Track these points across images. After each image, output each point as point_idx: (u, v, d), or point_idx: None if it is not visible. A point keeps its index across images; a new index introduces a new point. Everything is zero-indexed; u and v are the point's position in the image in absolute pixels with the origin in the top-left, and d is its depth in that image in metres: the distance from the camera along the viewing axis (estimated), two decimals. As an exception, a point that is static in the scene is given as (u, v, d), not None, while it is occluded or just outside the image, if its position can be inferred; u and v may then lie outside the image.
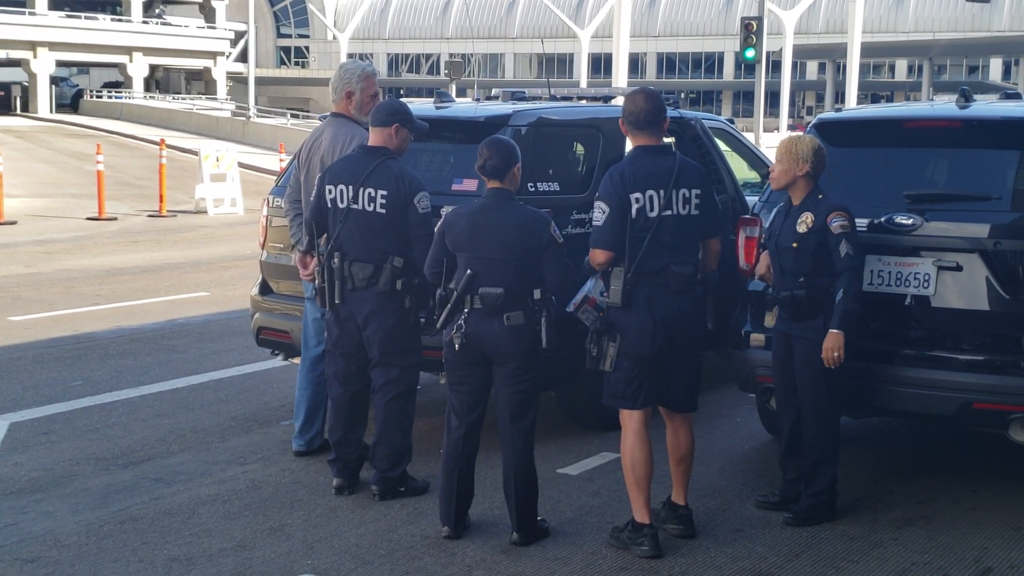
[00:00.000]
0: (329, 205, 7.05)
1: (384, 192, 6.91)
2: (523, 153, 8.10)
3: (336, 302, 7.06)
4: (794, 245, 6.76)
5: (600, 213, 6.39)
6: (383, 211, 6.91)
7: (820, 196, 6.79)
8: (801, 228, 6.74)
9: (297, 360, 8.39)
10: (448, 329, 6.46)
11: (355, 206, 6.96)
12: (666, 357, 6.44)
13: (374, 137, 7.11)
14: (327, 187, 7.06)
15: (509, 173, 6.49)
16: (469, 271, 6.34)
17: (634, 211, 6.34)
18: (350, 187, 6.97)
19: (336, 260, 7.00)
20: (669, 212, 6.36)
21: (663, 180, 6.37)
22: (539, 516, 6.62)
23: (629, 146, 7.65)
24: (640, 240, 6.32)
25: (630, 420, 6.47)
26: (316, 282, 7.20)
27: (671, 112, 9.81)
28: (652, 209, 6.34)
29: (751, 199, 9.45)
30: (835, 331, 6.59)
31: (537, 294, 6.42)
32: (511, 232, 6.36)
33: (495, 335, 6.36)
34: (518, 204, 6.51)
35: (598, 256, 6.40)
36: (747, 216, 8.17)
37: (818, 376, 6.74)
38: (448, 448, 6.61)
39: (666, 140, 9.75)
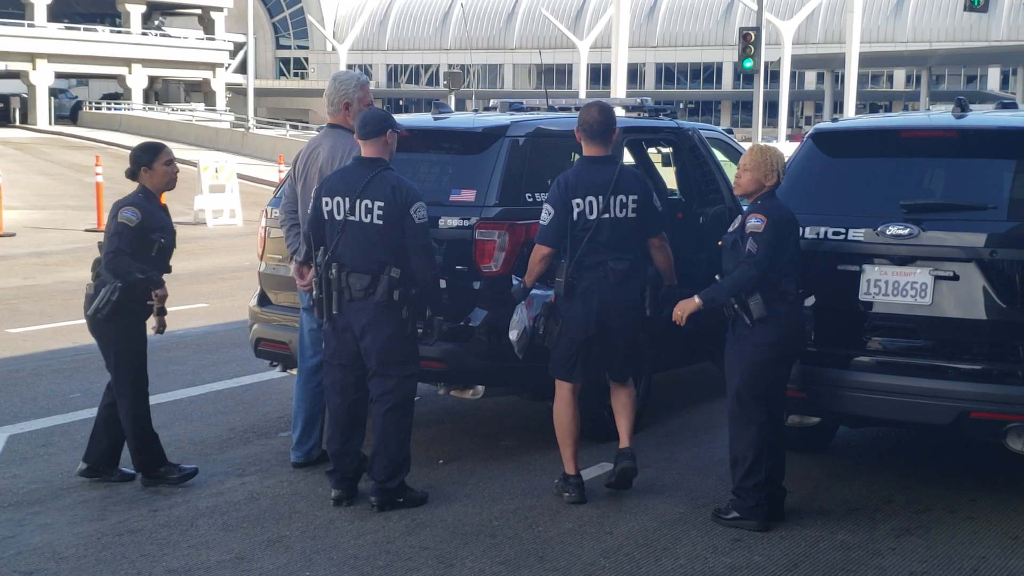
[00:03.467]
0: (326, 217, 7.06)
1: (381, 203, 6.92)
2: (521, 163, 8.18)
3: (334, 312, 7.07)
4: (719, 243, 7.01)
5: (546, 215, 7.29)
6: (380, 222, 6.92)
7: (759, 203, 6.89)
8: (731, 228, 7.04)
9: (295, 371, 8.39)
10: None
11: (352, 217, 6.97)
12: (602, 340, 7.33)
13: (368, 149, 7.11)
14: (324, 199, 7.07)
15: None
16: None
17: (575, 214, 7.23)
18: (347, 199, 6.98)
19: (334, 271, 7.02)
20: (607, 215, 7.25)
21: (602, 187, 7.24)
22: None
23: (627, 157, 7.85)
24: (580, 239, 7.23)
25: (562, 389, 7.47)
26: (314, 293, 7.22)
27: (669, 122, 9.88)
28: (592, 212, 7.23)
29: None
30: (696, 299, 6.93)
31: None
32: None
33: None
34: None
35: (541, 251, 7.32)
36: None
37: (731, 371, 6.95)
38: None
39: (663, 150, 9.88)
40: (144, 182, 7.52)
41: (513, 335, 7.47)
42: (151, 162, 7.51)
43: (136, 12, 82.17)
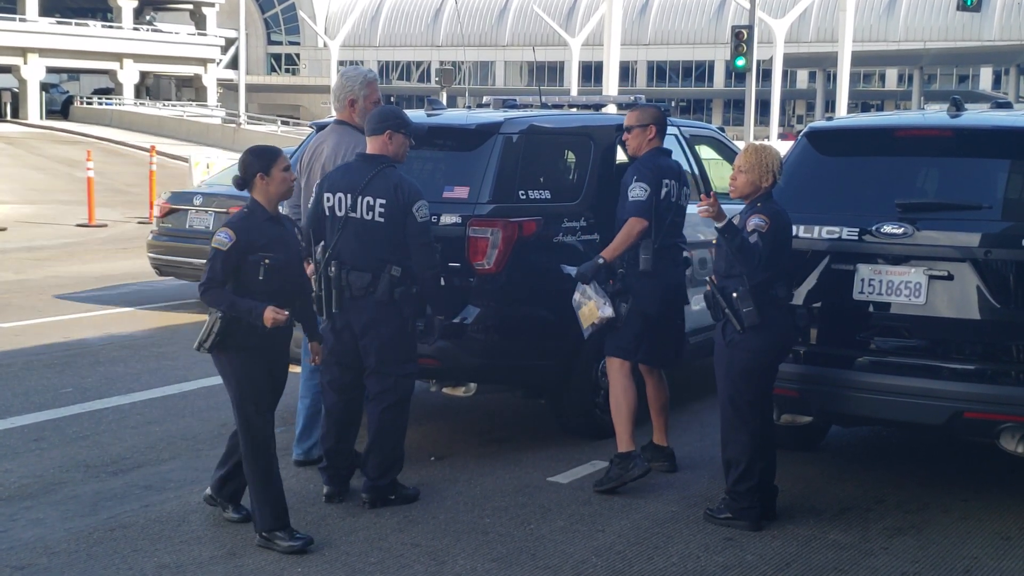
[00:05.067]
0: (327, 213, 7.02)
1: (383, 201, 6.89)
2: (514, 161, 8.16)
3: (333, 311, 7.04)
4: (713, 242, 6.96)
5: (643, 191, 7.53)
6: (382, 220, 6.89)
7: (759, 204, 6.84)
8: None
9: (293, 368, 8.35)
10: None
11: (353, 215, 6.94)
12: (662, 321, 7.69)
13: (370, 146, 7.09)
14: (325, 195, 7.03)
15: (251, 183, 6.50)
16: None
17: (663, 193, 7.62)
18: (348, 195, 6.94)
19: (333, 268, 6.97)
20: (680, 201, 7.76)
21: (677, 175, 7.81)
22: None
23: (620, 155, 7.93)
24: (663, 219, 7.60)
25: (623, 368, 7.62)
26: (313, 290, 7.17)
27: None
28: (674, 196, 7.69)
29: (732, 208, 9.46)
30: (724, 217, 6.67)
31: None
32: None
33: None
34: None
35: (639, 224, 7.50)
36: None
37: (722, 377, 6.95)
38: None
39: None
40: (258, 192, 6.48)
41: (608, 311, 7.51)
42: (269, 168, 6.45)
43: (128, 7, 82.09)
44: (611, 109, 10.81)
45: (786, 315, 6.91)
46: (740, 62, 36.22)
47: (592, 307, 7.54)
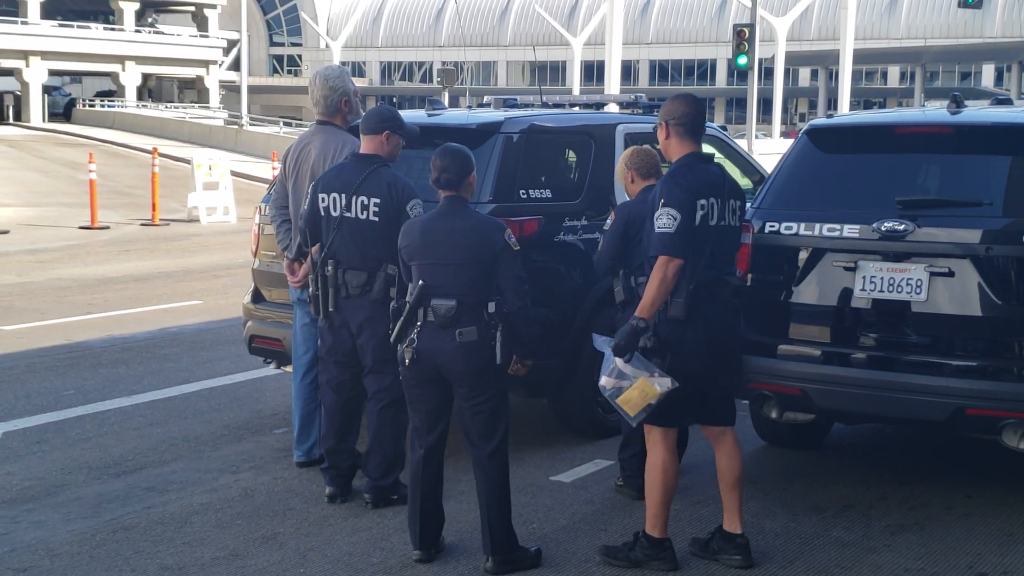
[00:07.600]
0: (322, 213, 7.02)
1: (377, 200, 6.89)
2: (515, 160, 8.15)
3: (330, 310, 7.04)
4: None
5: (671, 220, 5.90)
6: (376, 219, 6.90)
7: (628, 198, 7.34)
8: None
9: (289, 368, 8.36)
10: (401, 344, 6.24)
11: (348, 214, 6.95)
12: (716, 373, 6.18)
13: (366, 145, 7.09)
14: (320, 195, 7.04)
15: (465, 182, 6.29)
16: (421, 281, 6.14)
17: (698, 218, 6.01)
18: (343, 195, 6.95)
19: (330, 268, 6.99)
20: (723, 222, 6.15)
21: (718, 189, 6.13)
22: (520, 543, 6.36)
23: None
24: (701, 251, 6.02)
25: (666, 439, 6.22)
26: (310, 289, 7.19)
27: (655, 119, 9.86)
28: (712, 218, 6.07)
29: None
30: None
31: (492, 307, 6.11)
32: (463, 236, 6.14)
33: (447, 352, 6.12)
34: (473, 211, 6.34)
35: (675, 264, 5.91)
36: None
37: None
38: (411, 469, 6.47)
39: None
40: (467, 191, 6.31)
41: (667, 382, 5.92)
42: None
43: (129, 9, 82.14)
44: (612, 108, 10.80)
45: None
46: (742, 60, 36.21)
47: (643, 385, 5.91)
